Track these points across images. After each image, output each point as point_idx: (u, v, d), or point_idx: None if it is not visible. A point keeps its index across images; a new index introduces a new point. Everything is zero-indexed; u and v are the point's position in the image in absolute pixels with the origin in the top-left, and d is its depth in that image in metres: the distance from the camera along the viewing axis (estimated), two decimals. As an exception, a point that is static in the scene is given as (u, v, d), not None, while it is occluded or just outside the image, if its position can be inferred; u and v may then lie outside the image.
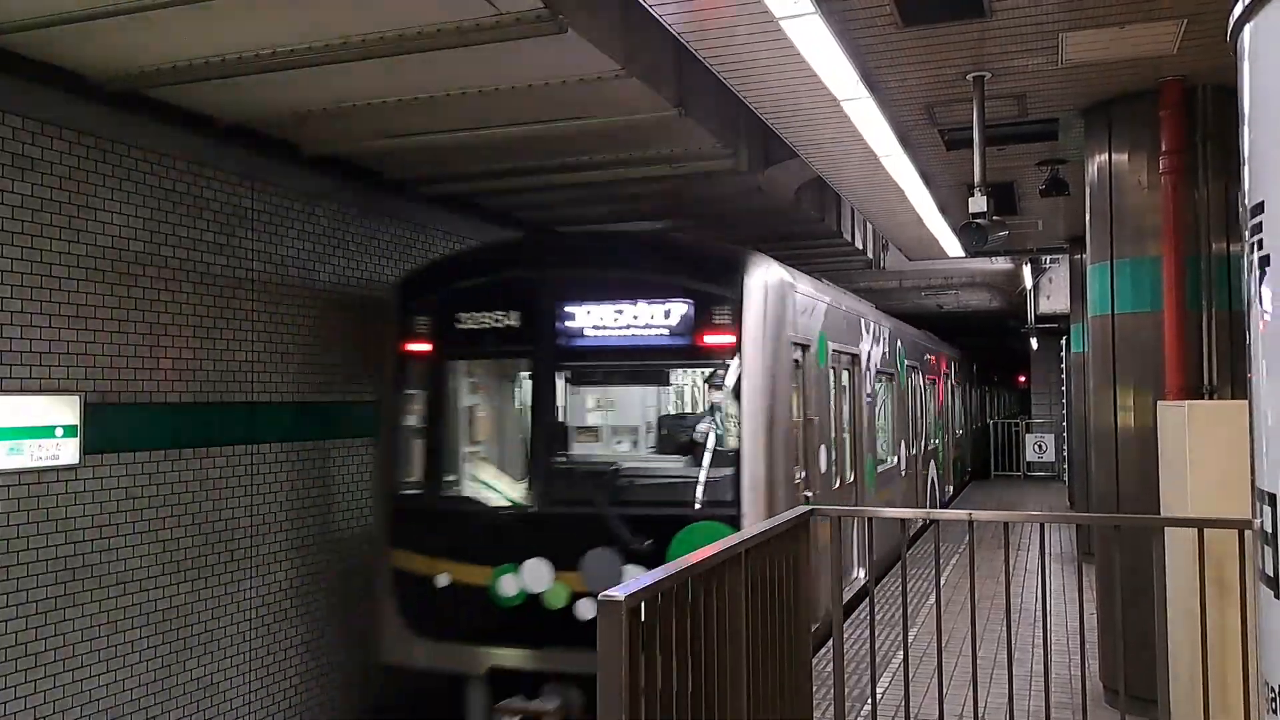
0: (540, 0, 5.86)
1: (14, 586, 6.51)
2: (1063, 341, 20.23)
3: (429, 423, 8.74)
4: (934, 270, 17.96)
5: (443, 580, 8.15)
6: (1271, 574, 1.63)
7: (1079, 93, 6.82)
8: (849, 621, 9.14)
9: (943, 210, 10.60)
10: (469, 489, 8.68)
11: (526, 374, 8.71)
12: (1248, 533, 4.36)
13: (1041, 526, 5.04)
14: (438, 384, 8.80)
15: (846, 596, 9.43)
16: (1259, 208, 1.64)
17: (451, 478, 8.72)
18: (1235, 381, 6.31)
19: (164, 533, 7.57)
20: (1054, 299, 18.10)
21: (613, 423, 9.84)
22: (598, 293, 8.24)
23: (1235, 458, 4.83)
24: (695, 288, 8.06)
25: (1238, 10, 1.78)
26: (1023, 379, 33.74)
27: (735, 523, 7.53)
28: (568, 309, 8.24)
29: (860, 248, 15.53)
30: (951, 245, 12.78)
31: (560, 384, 8.74)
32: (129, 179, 7.44)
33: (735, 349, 7.85)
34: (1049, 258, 17.32)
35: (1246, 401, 4.93)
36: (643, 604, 2.95)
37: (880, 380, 12.91)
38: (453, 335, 8.52)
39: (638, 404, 10.15)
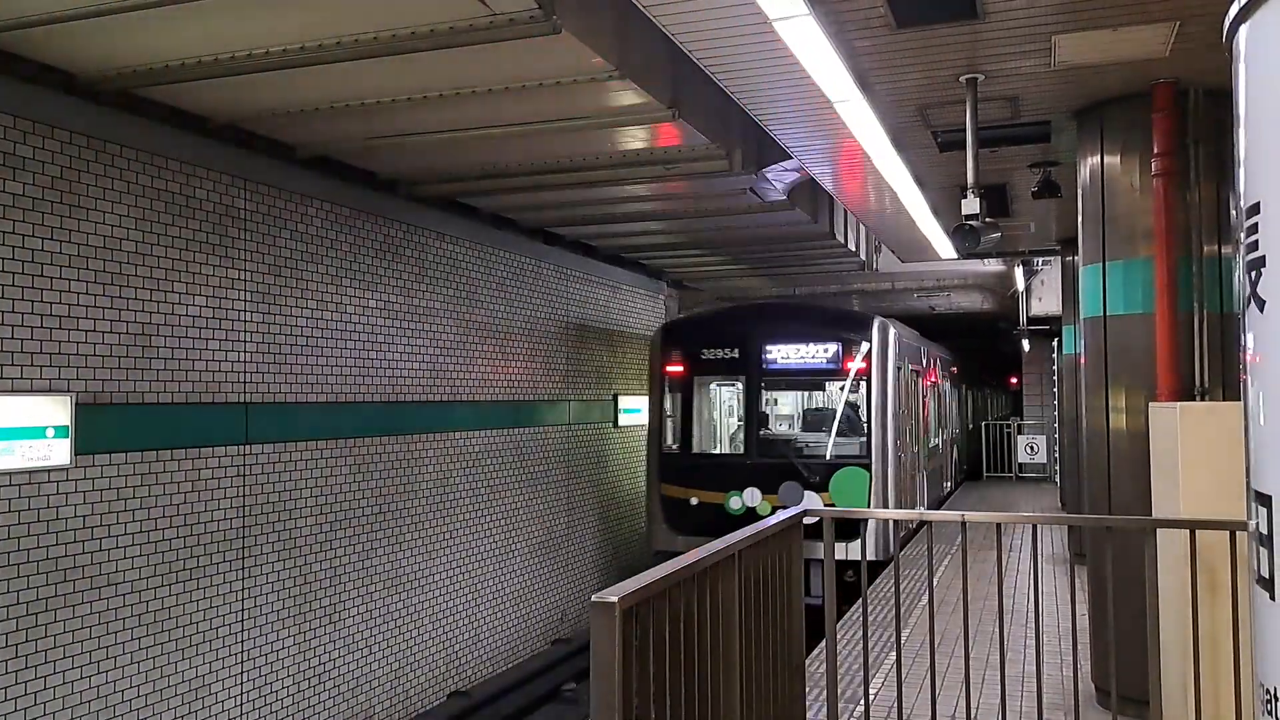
0: (534, 1, 5.86)
1: (4, 588, 6.50)
2: (1054, 343, 20.25)
3: (683, 412, 14.79)
4: (926, 272, 18.01)
5: (694, 501, 14.13)
6: (1267, 576, 1.63)
7: (1072, 95, 6.83)
8: (841, 623, 9.15)
9: (935, 212, 10.62)
10: (707, 445, 15.29)
11: (743, 385, 14.51)
12: (1239, 534, 4.37)
13: (1034, 528, 5.04)
14: (688, 390, 14.75)
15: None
16: (1254, 208, 1.65)
17: (697, 442, 14.97)
18: (1226, 383, 6.33)
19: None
20: (1046, 301, 18.14)
21: (789, 413, 17.72)
22: (785, 338, 14.23)
23: (1227, 459, 4.85)
24: (842, 335, 14.04)
25: (1233, 11, 1.78)
26: (1014, 380, 33.81)
27: (868, 467, 13.48)
28: (767, 347, 14.25)
29: (853, 249, 15.55)
30: (944, 247, 12.79)
31: (762, 391, 14.73)
32: (121, 179, 7.42)
33: (866, 371, 13.78)
34: (1041, 260, 17.35)
35: (1238, 403, 4.96)
36: (636, 606, 2.94)
37: (927, 386, 18.08)
38: (697, 362, 14.63)
39: (805, 402, 17.81)
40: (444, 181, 10.49)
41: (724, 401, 16.09)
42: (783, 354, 14.34)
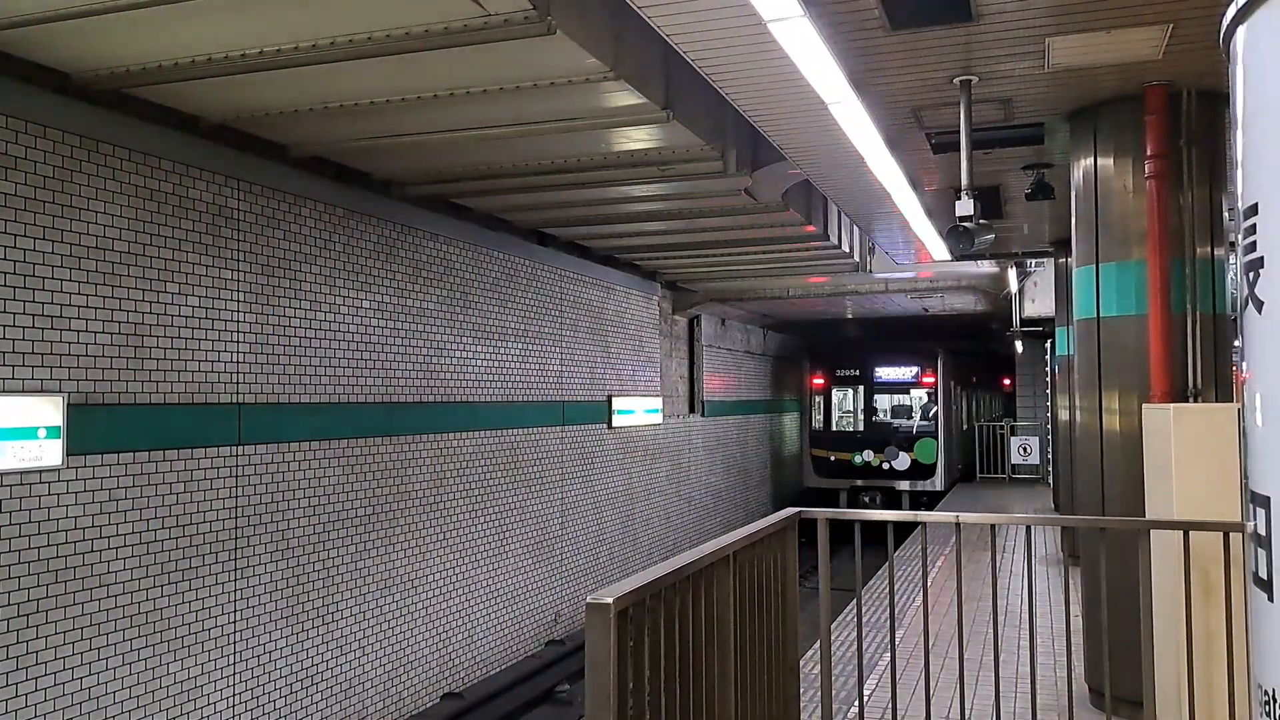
0: (529, 1, 5.86)
1: (-4, 589, 6.48)
2: (1047, 345, 20.27)
3: (825, 406, 26.18)
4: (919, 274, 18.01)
5: (832, 457, 25.51)
6: (1265, 577, 1.63)
7: (1065, 97, 6.84)
8: (836, 623, 9.15)
9: (929, 214, 10.63)
10: (839, 426, 26.14)
11: (862, 390, 26.06)
12: (1234, 535, 4.38)
13: (1028, 529, 5.05)
14: (828, 393, 26.23)
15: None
16: (1253, 209, 1.65)
17: (833, 422, 26.11)
18: (1219, 384, 6.35)
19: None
20: (1039, 302, 18.15)
21: (887, 406, 26.53)
22: (887, 363, 26.05)
23: (1221, 460, 4.87)
24: (921, 361, 25.82)
25: (1230, 12, 1.78)
26: (1008, 382, 33.96)
27: (935, 437, 25.17)
28: (875, 368, 26.06)
29: (847, 251, 15.56)
30: (937, 248, 12.81)
31: (874, 394, 26.06)
32: (114, 179, 7.41)
33: (936, 383, 25.54)
34: (1034, 261, 17.37)
35: (1232, 405, 4.97)
36: (631, 607, 2.93)
37: (961, 390, 29.47)
38: (833, 376, 26.28)
39: (896, 400, 26.62)
40: (438, 182, 10.47)
41: (848, 399, 26.44)
42: (886, 372, 25.93)
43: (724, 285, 19.40)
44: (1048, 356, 20.26)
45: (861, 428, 25.73)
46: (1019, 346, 22.39)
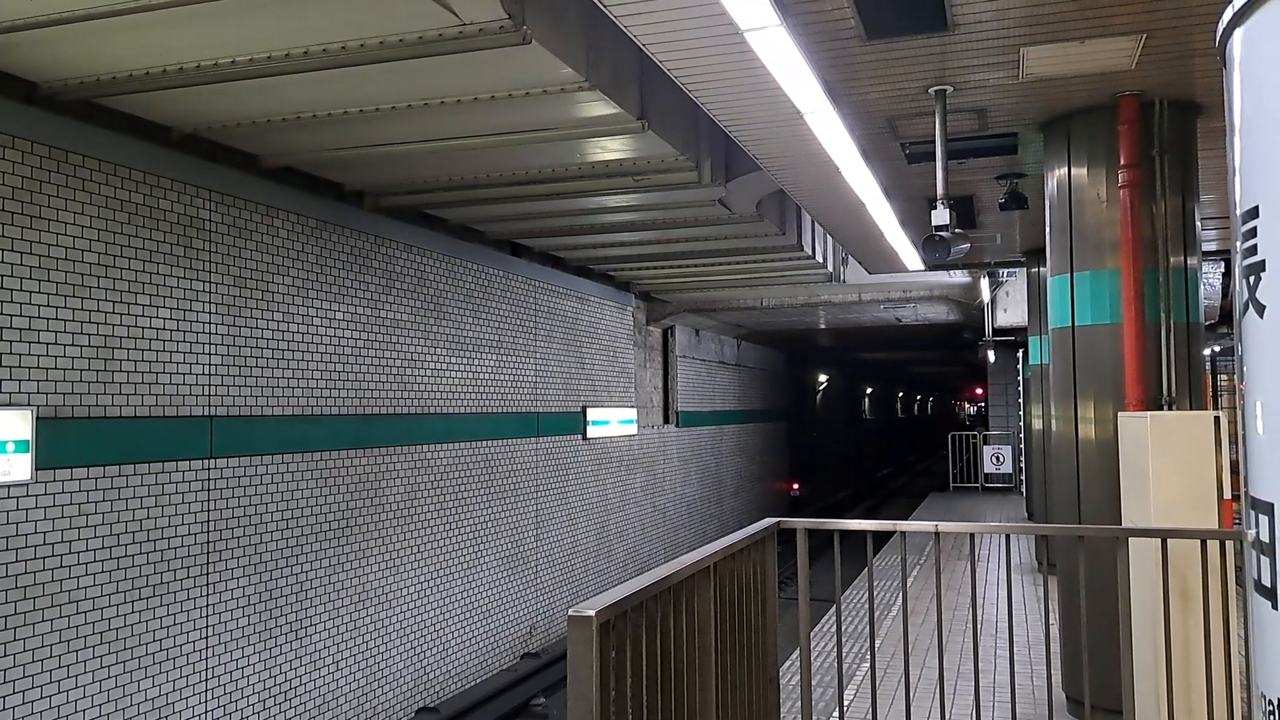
0: (504, 11, 5.84)
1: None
2: (1019, 354, 20.39)
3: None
4: (893, 284, 18.09)
5: None
6: (1268, 584, 1.61)
7: (1039, 107, 6.88)
8: (815, 632, 9.14)
9: (902, 223, 10.66)
10: None
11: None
12: (1210, 543, 4.40)
13: (1007, 538, 5.05)
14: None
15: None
16: (1252, 213, 1.64)
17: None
18: (1193, 393, 6.39)
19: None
20: (1011, 312, 18.28)
21: None
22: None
23: (1198, 468, 4.89)
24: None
25: (1227, 15, 1.78)
26: (980, 391, 34.32)
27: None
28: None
29: (820, 261, 15.60)
30: (911, 258, 12.85)
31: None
32: (83, 190, 7.33)
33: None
34: (1006, 271, 17.48)
35: (1208, 412, 4.99)
36: (613, 619, 2.90)
37: None
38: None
39: None
40: (411, 193, 10.43)
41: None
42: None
43: (698, 296, 19.42)
44: (1020, 366, 20.39)
45: None
46: (991, 356, 22.51)
